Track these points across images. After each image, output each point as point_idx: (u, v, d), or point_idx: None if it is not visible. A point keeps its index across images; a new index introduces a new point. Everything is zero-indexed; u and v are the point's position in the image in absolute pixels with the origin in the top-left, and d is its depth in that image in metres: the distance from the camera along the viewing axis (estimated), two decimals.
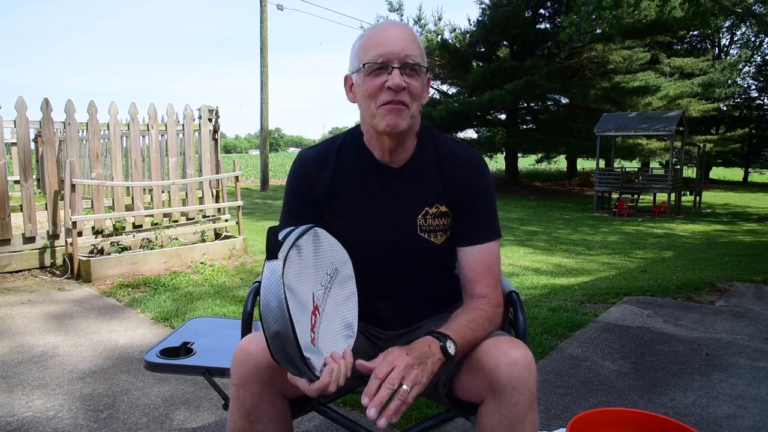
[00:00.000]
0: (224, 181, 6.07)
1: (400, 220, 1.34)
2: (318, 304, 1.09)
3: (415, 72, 1.25)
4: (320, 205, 1.36)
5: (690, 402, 2.34)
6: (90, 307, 3.81)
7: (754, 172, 36.14)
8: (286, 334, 0.98)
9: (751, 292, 4.34)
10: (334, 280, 1.18)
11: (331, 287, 1.16)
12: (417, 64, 1.25)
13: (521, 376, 1.09)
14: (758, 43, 32.14)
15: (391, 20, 1.42)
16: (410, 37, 1.27)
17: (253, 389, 1.14)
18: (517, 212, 14.35)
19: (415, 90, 1.25)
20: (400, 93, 1.24)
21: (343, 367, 1.06)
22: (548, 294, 4.44)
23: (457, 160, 1.36)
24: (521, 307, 1.41)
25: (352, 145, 1.38)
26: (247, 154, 59.81)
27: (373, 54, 1.24)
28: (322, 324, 1.09)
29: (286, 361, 1.01)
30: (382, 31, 1.27)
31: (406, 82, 1.24)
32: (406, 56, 1.24)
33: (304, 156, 1.41)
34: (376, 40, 1.25)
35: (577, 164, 28.78)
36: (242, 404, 1.15)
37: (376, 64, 1.24)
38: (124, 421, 2.17)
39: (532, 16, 20.88)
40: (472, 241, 1.33)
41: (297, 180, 1.38)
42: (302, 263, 1.08)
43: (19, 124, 4.54)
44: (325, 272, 1.15)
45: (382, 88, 1.24)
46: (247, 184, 20.17)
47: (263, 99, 16.71)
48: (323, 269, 1.15)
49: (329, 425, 2.11)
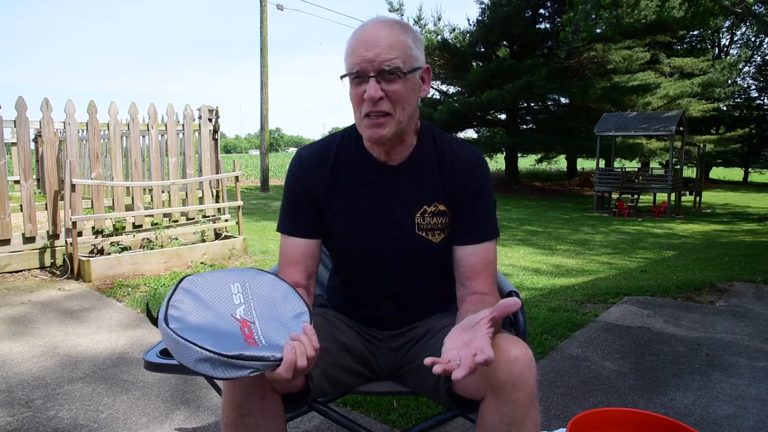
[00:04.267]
0: (224, 181, 6.07)
1: (398, 218, 1.34)
2: (245, 317, 1.11)
3: (395, 76, 1.21)
4: (319, 203, 1.36)
5: (690, 402, 2.34)
6: (90, 307, 3.81)
7: (754, 172, 36.17)
8: (203, 356, 1.00)
9: (751, 292, 4.34)
10: (250, 291, 1.17)
11: (251, 298, 1.16)
12: (395, 68, 1.20)
13: (521, 373, 1.08)
14: (758, 43, 32.17)
15: (375, 18, 1.36)
16: (388, 39, 1.21)
17: (243, 382, 1.14)
18: (516, 212, 14.35)
19: (396, 95, 1.22)
20: (378, 103, 1.22)
21: (305, 340, 1.05)
22: (548, 294, 4.44)
23: (456, 158, 1.35)
24: (521, 307, 1.41)
25: (350, 142, 1.38)
26: (247, 154, 59.81)
27: (351, 62, 1.22)
28: (262, 328, 1.10)
29: (231, 368, 1.01)
30: (361, 35, 1.23)
31: (385, 89, 1.21)
32: (381, 63, 1.19)
33: (302, 155, 1.40)
34: (354, 46, 1.22)
35: (577, 164, 28.78)
36: (233, 397, 1.16)
37: (352, 74, 1.23)
38: (124, 421, 2.17)
39: (532, 15, 20.87)
40: (470, 240, 1.33)
41: (295, 179, 1.38)
42: (196, 304, 1.10)
43: (19, 124, 4.54)
44: (230, 293, 1.15)
45: (363, 98, 1.22)
46: (247, 184, 20.18)
47: (263, 99, 16.71)
48: (225, 293, 1.15)
49: (329, 425, 2.11)
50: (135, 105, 5.34)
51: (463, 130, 23.43)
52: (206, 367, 1.00)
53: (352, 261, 1.42)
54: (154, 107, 5.47)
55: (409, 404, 2.25)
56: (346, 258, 1.43)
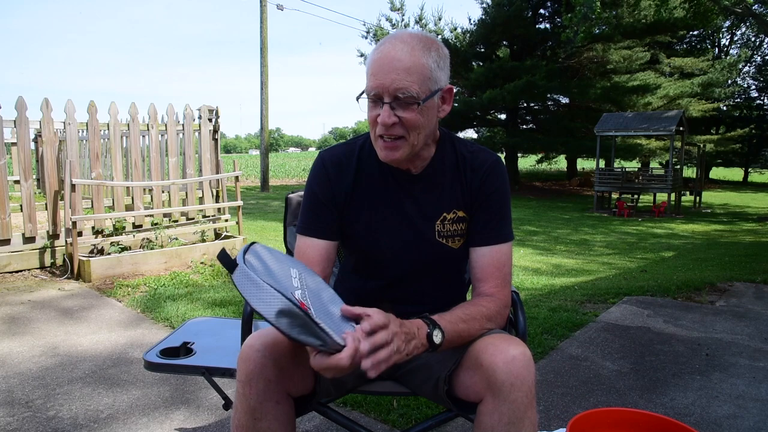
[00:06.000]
0: (224, 181, 6.07)
1: (418, 225, 1.34)
2: (302, 300, 1.03)
3: (409, 104, 1.20)
4: (340, 206, 1.36)
5: (690, 402, 2.34)
6: (90, 307, 3.81)
7: (754, 172, 36.17)
8: (287, 308, 0.94)
9: (751, 292, 4.34)
10: (305, 281, 1.12)
11: (306, 287, 1.10)
12: (410, 96, 1.19)
13: (519, 373, 1.09)
14: (758, 43, 32.17)
15: (398, 35, 1.32)
16: (407, 62, 1.18)
17: (259, 386, 1.13)
18: (517, 212, 14.34)
19: (409, 122, 1.22)
20: (392, 128, 1.22)
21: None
22: (548, 294, 4.44)
23: (474, 162, 1.36)
24: (521, 307, 1.41)
25: (372, 149, 1.36)
26: (247, 154, 59.84)
27: (369, 85, 1.22)
28: (318, 316, 1.03)
29: (306, 333, 0.96)
30: (380, 57, 1.21)
31: (398, 115, 1.21)
32: (396, 90, 1.18)
33: (325, 157, 1.40)
34: (373, 68, 1.21)
35: (577, 164, 28.79)
36: (247, 401, 1.14)
37: (369, 96, 1.23)
38: (124, 421, 2.17)
39: (533, 16, 20.88)
40: (484, 242, 1.33)
41: (318, 181, 1.38)
42: (265, 270, 1.04)
43: (19, 124, 4.54)
44: (290, 275, 1.10)
45: (377, 121, 1.23)
46: (247, 184, 20.18)
47: (263, 99, 16.72)
48: (286, 272, 1.10)
49: (329, 425, 2.11)
50: (135, 105, 5.34)
51: (463, 130, 23.44)
52: (284, 323, 0.95)
53: (370, 266, 1.42)
54: (154, 107, 5.47)
55: (409, 404, 2.25)
56: (363, 262, 1.43)
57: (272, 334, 1.18)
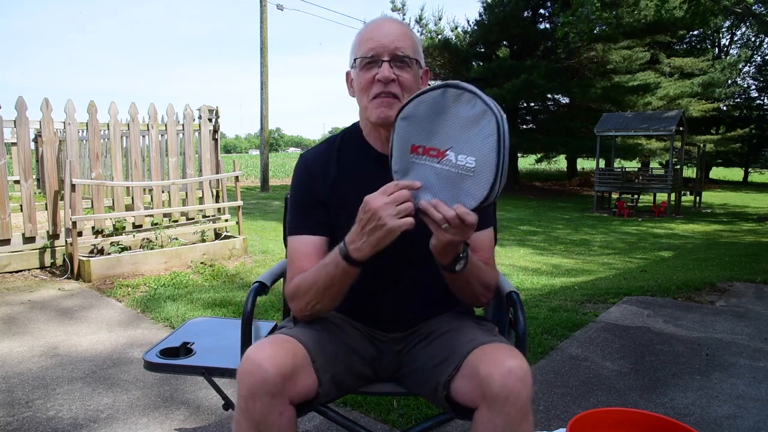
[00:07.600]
0: (224, 181, 6.07)
1: None
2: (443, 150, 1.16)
3: (405, 64, 1.29)
4: (326, 202, 1.37)
5: (690, 402, 2.34)
6: (90, 307, 3.81)
7: (754, 172, 36.16)
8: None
9: (751, 292, 4.34)
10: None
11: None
12: (407, 56, 1.29)
13: (514, 387, 1.08)
14: (758, 43, 32.17)
15: (387, 16, 1.46)
16: (402, 30, 1.30)
17: (264, 400, 1.11)
18: (516, 212, 14.34)
19: (406, 82, 1.28)
20: (389, 85, 1.27)
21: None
22: (548, 294, 4.44)
23: None
24: (521, 307, 1.41)
25: (351, 140, 1.41)
26: (247, 154, 59.83)
27: (365, 48, 1.29)
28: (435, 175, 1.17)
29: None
30: (375, 26, 1.31)
31: (396, 74, 1.27)
32: (396, 48, 1.27)
33: (307, 157, 1.43)
34: (369, 35, 1.30)
35: (577, 164, 28.77)
36: (251, 416, 1.12)
37: (367, 57, 1.28)
38: (124, 421, 2.17)
39: (532, 15, 20.88)
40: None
41: (302, 182, 1.40)
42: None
43: (19, 124, 4.54)
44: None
45: (374, 81, 1.28)
46: (247, 184, 20.18)
47: (263, 99, 16.71)
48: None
49: (329, 425, 2.11)
50: (135, 105, 5.34)
51: None
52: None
53: None
54: (154, 107, 5.47)
55: (409, 404, 2.25)
56: None
57: (273, 344, 1.17)
